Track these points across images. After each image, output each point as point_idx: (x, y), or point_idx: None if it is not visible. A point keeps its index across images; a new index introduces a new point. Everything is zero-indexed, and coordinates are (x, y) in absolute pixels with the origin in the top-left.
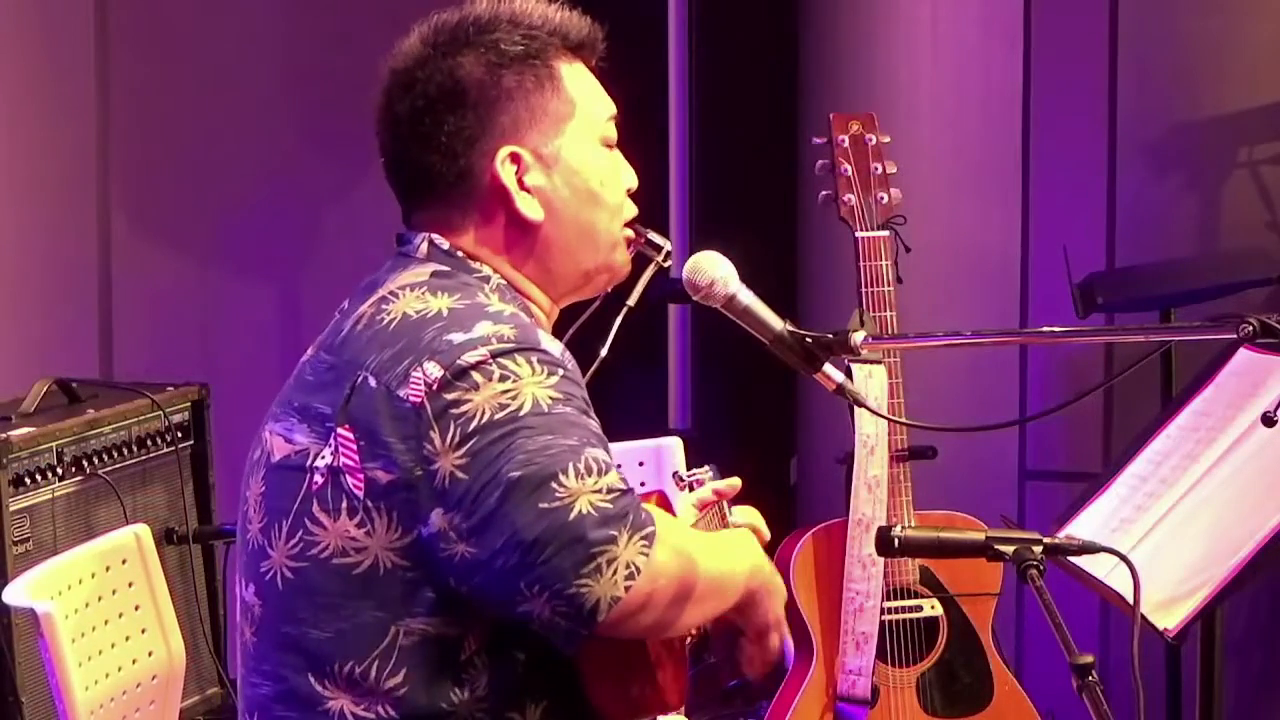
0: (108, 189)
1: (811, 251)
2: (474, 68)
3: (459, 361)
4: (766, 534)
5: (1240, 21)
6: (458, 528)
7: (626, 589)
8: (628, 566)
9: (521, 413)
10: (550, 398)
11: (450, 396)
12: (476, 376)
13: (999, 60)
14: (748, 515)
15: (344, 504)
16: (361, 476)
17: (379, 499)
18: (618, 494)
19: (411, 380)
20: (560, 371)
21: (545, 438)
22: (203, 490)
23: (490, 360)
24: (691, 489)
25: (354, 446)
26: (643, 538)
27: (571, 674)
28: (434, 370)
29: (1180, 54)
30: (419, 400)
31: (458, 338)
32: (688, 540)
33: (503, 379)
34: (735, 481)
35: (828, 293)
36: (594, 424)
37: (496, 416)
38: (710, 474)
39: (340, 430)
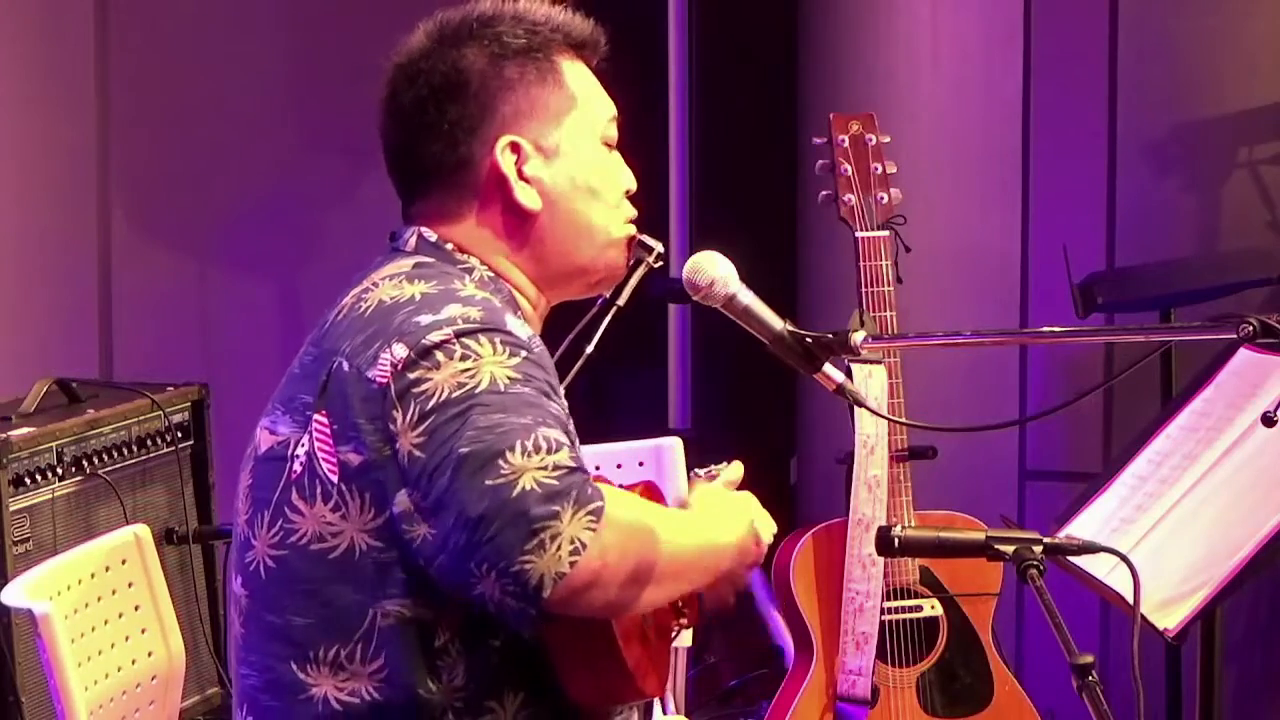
0: (108, 189)
1: (811, 251)
2: (477, 59)
3: (423, 341)
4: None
5: (1240, 21)
6: (419, 506)
7: (571, 564)
8: (572, 542)
9: (478, 390)
10: (509, 377)
11: (413, 375)
12: (439, 355)
13: (999, 60)
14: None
15: (319, 489)
16: (335, 460)
17: (351, 481)
18: (565, 471)
19: (380, 362)
20: (523, 353)
21: (498, 415)
22: (203, 490)
23: (454, 340)
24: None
25: (328, 431)
26: (589, 513)
27: (545, 664)
28: (400, 351)
29: (1180, 54)
30: (385, 380)
31: (425, 319)
32: (652, 518)
33: (464, 358)
34: (738, 468)
35: (828, 293)
36: (555, 406)
37: (454, 395)
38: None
39: (317, 416)
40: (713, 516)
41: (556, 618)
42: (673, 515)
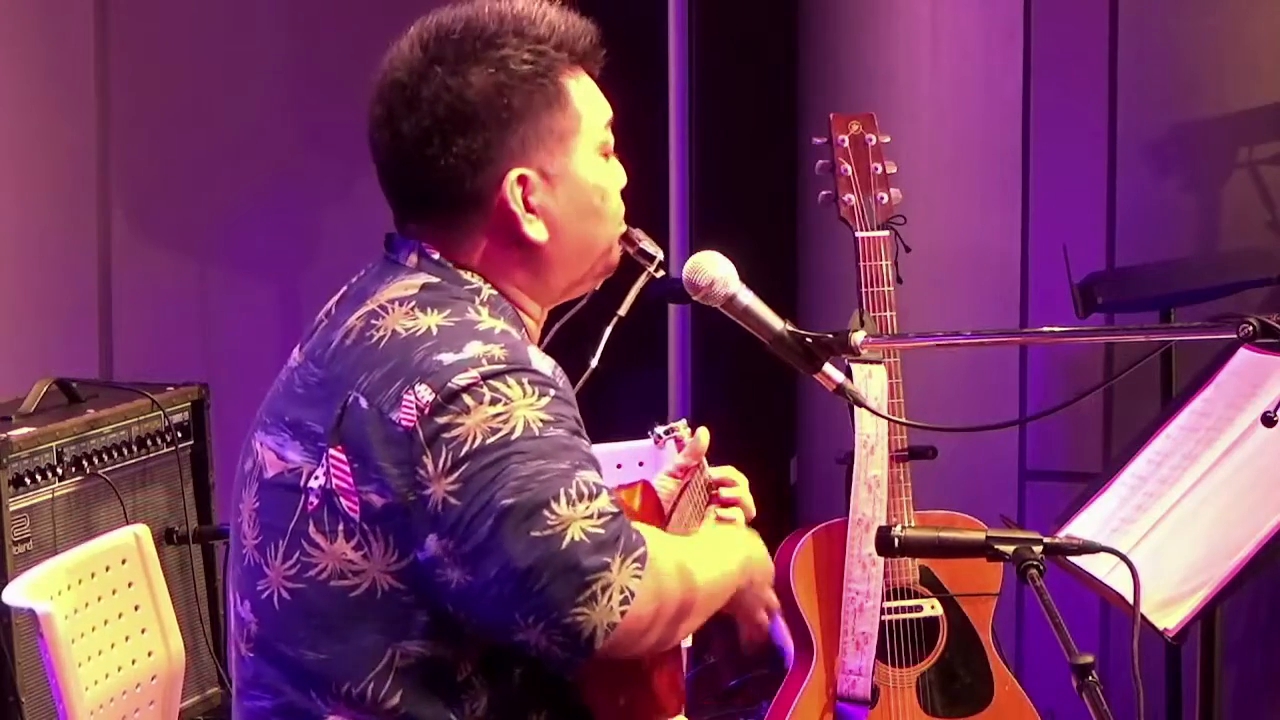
0: (108, 189)
1: (811, 251)
2: (483, 86)
3: (450, 384)
4: (749, 499)
5: (1240, 20)
6: (452, 554)
7: (622, 614)
8: (622, 591)
9: (513, 437)
10: (542, 420)
11: (442, 420)
12: (468, 399)
13: (999, 60)
14: (726, 472)
15: (340, 526)
16: (356, 499)
17: (374, 522)
18: (609, 518)
19: (404, 403)
20: (551, 392)
21: (537, 463)
22: (203, 490)
23: (481, 383)
24: (678, 448)
25: (347, 469)
26: (635, 560)
27: (568, 685)
28: (425, 393)
29: (1180, 54)
30: (411, 424)
31: (448, 358)
32: (682, 554)
33: (494, 402)
34: (703, 435)
35: (828, 293)
36: (585, 444)
37: (488, 441)
38: (685, 429)
39: (333, 451)
40: (716, 543)
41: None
42: (693, 543)
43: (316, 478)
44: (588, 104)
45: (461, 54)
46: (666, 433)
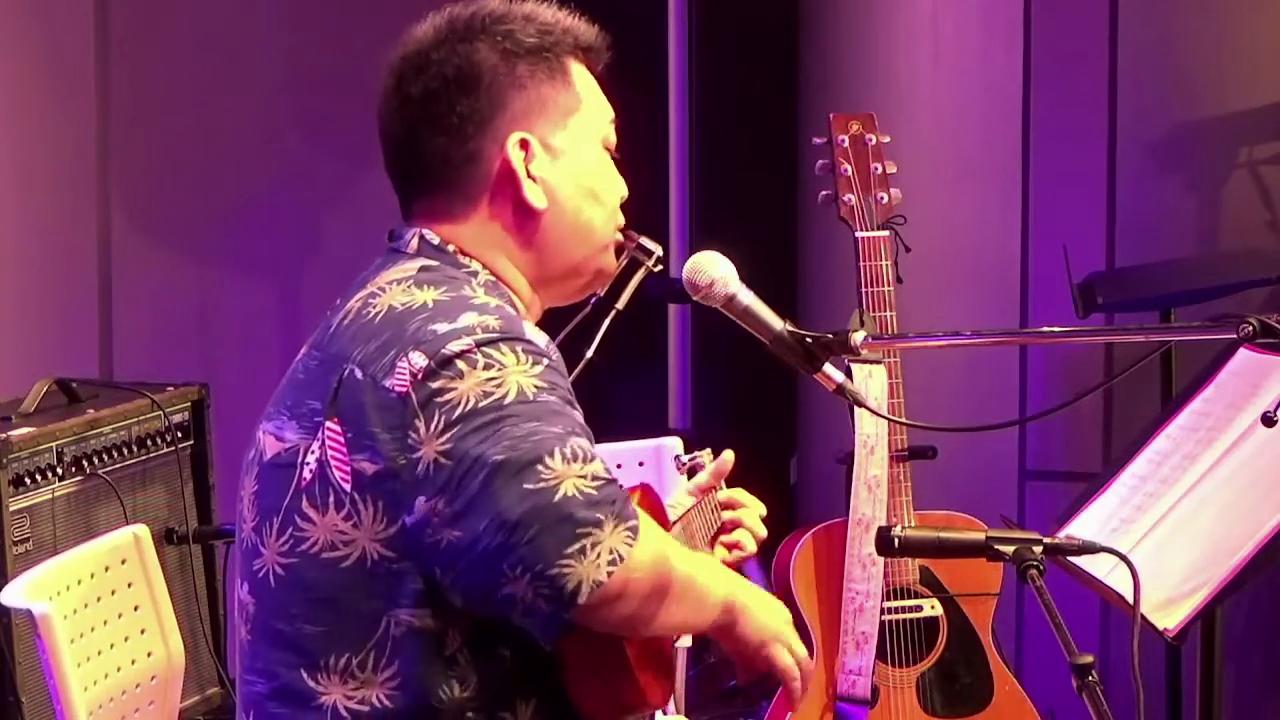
0: (108, 189)
1: (811, 251)
2: (489, 54)
3: (444, 350)
4: (758, 507)
5: (1240, 21)
6: (441, 513)
7: (609, 574)
8: (611, 552)
9: (506, 400)
10: (535, 386)
11: (435, 385)
12: (461, 365)
13: (999, 60)
14: (736, 494)
15: (331, 498)
16: (348, 469)
17: (365, 490)
18: (603, 482)
19: (397, 370)
20: (545, 361)
21: (530, 424)
22: (203, 490)
23: (475, 349)
24: (692, 474)
25: (341, 439)
26: (628, 528)
27: (557, 674)
28: (419, 360)
29: (1180, 54)
30: (405, 390)
31: (442, 327)
32: (666, 542)
33: (487, 367)
34: (727, 457)
35: (828, 293)
36: (578, 415)
37: (481, 404)
38: (708, 456)
39: (328, 424)
40: (704, 561)
41: (575, 629)
42: (679, 547)
43: (312, 452)
44: (590, 91)
45: (471, 28)
46: (690, 459)
